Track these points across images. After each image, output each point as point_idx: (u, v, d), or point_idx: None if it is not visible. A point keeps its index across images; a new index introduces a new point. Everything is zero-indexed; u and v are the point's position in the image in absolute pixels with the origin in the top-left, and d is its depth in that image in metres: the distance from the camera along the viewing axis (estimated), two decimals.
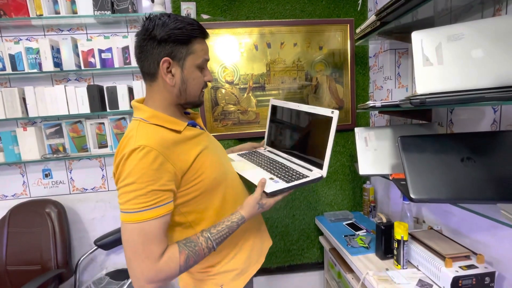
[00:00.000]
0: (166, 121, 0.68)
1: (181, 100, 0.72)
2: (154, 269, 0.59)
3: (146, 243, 0.59)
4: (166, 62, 0.66)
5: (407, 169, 0.82)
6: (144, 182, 0.59)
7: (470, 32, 0.74)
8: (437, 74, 0.75)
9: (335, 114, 0.81)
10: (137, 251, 0.59)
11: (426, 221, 1.27)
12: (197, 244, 0.65)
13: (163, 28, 0.65)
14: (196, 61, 0.70)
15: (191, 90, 0.72)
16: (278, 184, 0.79)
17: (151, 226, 0.59)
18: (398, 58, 1.40)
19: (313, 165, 0.88)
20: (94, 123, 1.53)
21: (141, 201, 0.58)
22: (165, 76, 0.68)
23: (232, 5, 1.52)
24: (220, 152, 0.84)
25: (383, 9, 0.99)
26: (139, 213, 0.58)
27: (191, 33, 0.67)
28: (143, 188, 0.59)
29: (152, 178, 0.59)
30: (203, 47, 0.71)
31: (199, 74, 0.72)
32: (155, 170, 0.60)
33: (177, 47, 0.67)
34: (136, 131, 0.64)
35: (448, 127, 1.11)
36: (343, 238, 1.36)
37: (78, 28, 1.52)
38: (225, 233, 0.70)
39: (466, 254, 0.95)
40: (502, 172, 0.73)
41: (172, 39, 0.65)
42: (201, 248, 0.65)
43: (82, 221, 1.64)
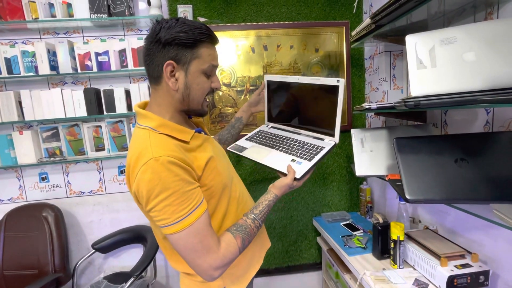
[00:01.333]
0: (174, 130, 0.68)
1: (184, 106, 0.71)
2: (219, 258, 0.64)
3: (203, 239, 0.63)
4: (170, 65, 0.65)
5: (402, 170, 0.83)
6: (179, 190, 0.60)
7: (462, 36, 0.75)
8: (430, 77, 0.77)
9: (341, 82, 0.83)
10: (198, 249, 0.62)
11: (422, 221, 1.28)
12: (247, 226, 0.71)
13: (168, 31, 0.64)
14: (201, 66, 0.68)
15: (194, 96, 0.70)
16: (302, 166, 0.84)
17: (201, 223, 0.63)
18: (393, 60, 1.42)
19: (323, 134, 0.93)
20: (91, 126, 1.52)
21: (185, 205, 0.61)
22: (168, 80, 0.67)
23: (229, 7, 1.53)
24: (222, 155, 0.84)
25: (378, 12, 1.00)
26: (189, 217, 0.61)
27: (197, 37, 0.66)
28: (182, 195, 0.60)
29: (184, 183, 0.61)
30: (211, 52, 0.69)
31: (204, 79, 0.70)
32: (182, 175, 0.62)
33: (182, 51, 0.65)
34: (149, 141, 0.63)
35: (443, 128, 1.13)
36: (340, 238, 1.37)
37: (74, 31, 1.52)
38: (266, 211, 0.76)
39: (461, 253, 0.97)
40: (494, 172, 0.74)
41: (176, 42, 0.64)
42: (251, 228, 0.72)
43: (80, 224, 1.63)
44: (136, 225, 1.62)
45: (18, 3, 1.40)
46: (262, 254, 0.92)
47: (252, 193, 0.95)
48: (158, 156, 0.60)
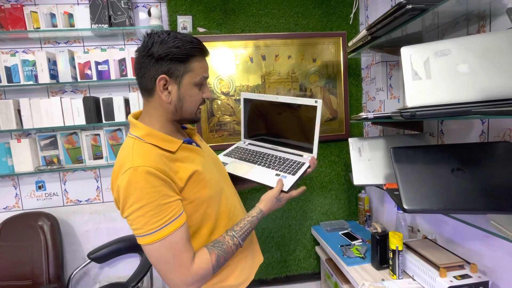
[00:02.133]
0: (160, 139, 0.69)
1: (177, 116, 0.73)
2: (190, 274, 0.63)
3: (176, 254, 0.62)
4: (163, 79, 0.67)
5: (399, 180, 0.83)
6: (154, 201, 0.60)
7: (456, 48, 0.77)
8: (426, 88, 0.78)
9: (319, 103, 0.88)
10: (170, 263, 0.62)
11: (420, 230, 1.28)
12: (224, 243, 0.70)
13: (161, 46, 0.65)
14: (193, 79, 0.70)
15: (187, 107, 0.72)
16: (288, 179, 0.86)
17: (176, 237, 0.62)
18: (389, 70, 1.45)
19: (301, 150, 0.96)
20: (89, 135, 1.52)
21: (159, 218, 0.60)
22: (161, 93, 0.68)
23: (228, 18, 1.56)
24: (216, 167, 0.84)
25: (374, 24, 1.03)
26: (161, 230, 0.60)
27: (189, 51, 0.67)
28: (156, 207, 0.60)
29: (160, 195, 0.61)
30: (202, 65, 0.71)
31: (196, 91, 0.72)
32: (160, 187, 0.61)
33: (175, 65, 0.67)
34: (132, 150, 0.65)
35: (439, 137, 1.14)
36: (339, 248, 1.36)
37: (75, 41, 1.53)
38: (247, 228, 0.76)
39: (460, 264, 0.96)
40: (490, 183, 0.75)
41: (169, 57, 0.66)
42: (228, 246, 0.70)
43: (76, 233, 1.61)
44: (133, 234, 1.60)
45: (20, 13, 1.42)
46: (253, 270, 0.88)
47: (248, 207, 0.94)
48: (137, 166, 0.60)
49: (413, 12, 0.85)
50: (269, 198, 0.82)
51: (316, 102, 0.88)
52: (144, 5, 1.55)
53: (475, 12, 0.89)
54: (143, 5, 1.55)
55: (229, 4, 1.55)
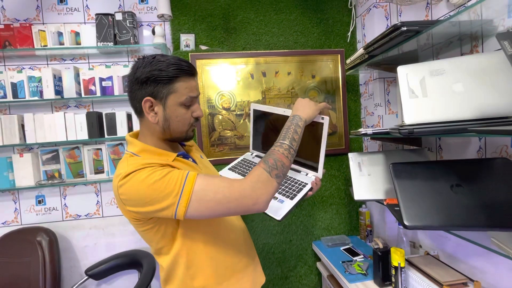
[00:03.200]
0: (155, 154, 0.71)
1: (166, 136, 0.74)
2: (246, 183, 0.63)
3: (217, 185, 0.63)
4: (148, 101, 0.69)
5: (400, 196, 0.84)
6: (157, 176, 0.62)
7: (450, 68, 0.80)
8: (423, 106, 0.80)
9: (326, 120, 0.84)
10: (221, 194, 0.62)
11: (422, 246, 1.27)
12: (270, 151, 0.70)
13: (145, 69, 0.68)
14: (178, 99, 0.70)
15: (175, 127, 0.72)
16: (284, 205, 0.80)
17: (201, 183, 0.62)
18: (387, 86, 1.48)
19: (307, 167, 0.92)
20: (91, 149, 1.54)
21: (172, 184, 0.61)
22: (147, 114, 0.70)
23: (229, 36, 1.61)
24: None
25: (370, 44, 1.06)
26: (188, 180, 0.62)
27: (172, 73, 0.68)
28: (163, 178, 0.61)
29: (159, 170, 0.63)
30: (188, 85, 0.71)
31: (183, 111, 0.72)
32: (156, 167, 0.64)
33: (158, 87, 0.68)
34: (127, 163, 0.68)
35: (438, 152, 1.15)
36: (340, 264, 1.34)
37: (80, 58, 1.58)
38: (291, 131, 0.73)
39: (463, 281, 0.95)
40: (489, 199, 0.76)
41: (152, 79, 0.68)
42: (273, 149, 0.69)
43: (74, 249, 1.59)
44: (132, 250, 1.59)
45: (28, 31, 1.47)
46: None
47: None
48: (128, 171, 0.63)
49: (408, 33, 0.89)
50: (303, 102, 0.83)
51: (323, 119, 0.85)
52: (148, 24, 1.61)
53: (467, 33, 0.93)
54: (148, 24, 1.61)
55: (230, 23, 1.60)
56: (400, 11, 1.34)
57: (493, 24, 0.86)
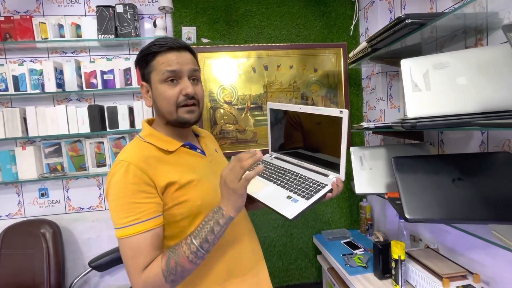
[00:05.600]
0: (159, 140, 0.70)
1: (163, 120, 0.71)
2: (140, 281, 0.59)
3: (134, 257, 0.59)
4: (143, 86, 0.71)
5: (401, 190, 0.84)
6: (124, 197, 0.60)
7: (454, 61, 0.79)
8: (426, 99, 0.80)
9: (345, 114, 0.72)
10: (128, 264, 0.60)
11: (422, 239, 1.28)
12: (178, 244, 0.61)
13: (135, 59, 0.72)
14: (157, 76, 0.67)
15: (161, 107, 0.69)
16: (298, 204, 0.72)
17: (138, 240, 0.59)
18: (389, 80, 1.47)
19: (329, 167, 0.80)
20: (93, 142, 1.54)
21: (125, 215, 0.59)
22: (144, 99, 0.73)
23: (231, 29, 1.59)
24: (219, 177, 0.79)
25: (374, 37, 1.05)
26: (126, 228, 0.59)
27: (147, 51, 0.67)
28: (125, 204, 0.60)
29: (131, 193, 0.60)
30: (164, 60, 0.66)
31: (165, 88, 0.67)
32: (134, 184, 0.60)
33: (143, 69, 0.70)
34: (128, 147, 0.68)
35: (440, 146, 1.15)
36: (341, 257, 1.36)
37: (82, 51, 1.57)
38: (207, 229, 0.60)
39: (462, 274, 0.96)
40: (490, 193, 0.76)
41: (138, 64, 0.70)
42: (180, 246, 0.60)
43: (77, 241, 1.61)
44: None
45: (29, 24, 1.46)
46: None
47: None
48: (120, 160, 0.63)
49: (412, 26, 0.88)
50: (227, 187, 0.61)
51: (341, 112, 0.73)
52: (149, 17, 1.59)
53: (472, 26, 0.92)
54: (149, 16, 1.59)
55: (232, 16, 1.59)
56: (404, 4, 1.33)
57: (499, 17, 0.85)
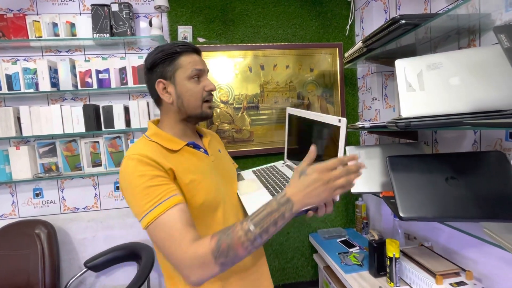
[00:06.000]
0: (164, 139, 0.72)
1: (183, 115, 0.75)
2: (187, 254, 0.57)
3: (170, 237, 0.58)
4: (160, 83, 0.73)
5: (395, 188, 0.85)
6: (139, 185, 0.61)
7: (447, 62, 0.80)
8: (419, 99, 0.81)
9: (343, 123, 0.69)
10: (165, 247, 0.59)
11: (417, 237, 1.30)
12: (232, 227, 0.58)
13: (149, 57, 0.73)
14: (185, 73, 0.72)
15: (188, 103, 0.73)
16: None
17: (167, 218, 0.59)
18: (384, 80, 1.48)
19: None
20: (88, 142, 1.53)
21: (145, 201, 0.60)
22: (162, 96, 0.73)
23: (227, 29, 1.59)
24: (224, 178, 0.80)
25: (369, 37, 1.06)
26: (150, 213, 0.59)
27: (174, 50, 0.72)
28: (143, 190, 0.61)
29: (146, 178, 0.62)
30: (191, 59, 0.73)
31: (193, 85, 0.73)
32: (147, 171, 0.63)
33: (164, 67, 0.72)
34: (135, 145, 0.70)
35: (434, 146, 1.17)
36: (337, 255, 1.37)
37: (76, 49, 1.55)
38: (269, 220, 0.56)
39: (455, 271, 0.98)
40: (483, 191, 0.77)
41: (157, 62, 0.72)
42: (235, 230, 0.57)
43: (72, 241, 1.60)
44: (131, 242, 1.60)
45: (22, 22, 1.44)
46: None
47: None
48: (130, 155, 0.65)
49: (406, 26, 0.89)
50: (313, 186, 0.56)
51: (340, 121, 0.69)
52: (145, 15, 1.58)
53: (465, 27, 0.93)
54: (144, 15, 1.58)
55: (228, 15, 1.59)
56: (399, 5, 1.34)
57: (491, 18, 0.86)
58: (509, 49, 0.53)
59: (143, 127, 1.51)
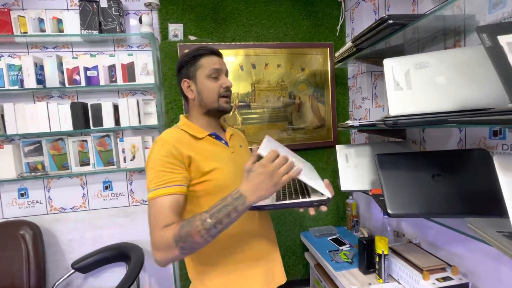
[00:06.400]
0: (191, 128, 0.84)
1: (204, 108, 0.86)
2: (157, 236, 0.66)
3: (156, 215, 0.68)
4: (185, 82, 0.86)
5: (384, 185, 0.86)
6: (156, 166, 0.72)
7: (433, 61, 0.82)
8: (407, 98, 0.82)
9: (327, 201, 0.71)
10: (151, 222, 0.69)
11: (405, 234, 1.32)
12: (194, 217, 0.65)
13: (178, 61, 0.88)
14: (204, 72, 0.83)
15: (206, 98, 0.84)
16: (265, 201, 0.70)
17: (161, 202, 0.68)
18: (374, 80, 1.51)
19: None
20: (76, 141, 1.50)
21: (155, 181, 0.70)
22: (187, 93, 0.86)
23: (219, 27, 1.59)
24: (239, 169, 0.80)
25: (358, 37, 1.08)
26: (153, 191, 0.70)
27: (195, 53, 0.84)
28: (156, 172, 0.71)
29: (162, 162, 0.72)
30: (210, 60, 0.84)
31: (211, 83, 0.84)
32: (165, 156, 0.73)
33: (188, 69, 0.85)
34: (165, 131, 0.82)
35: (421, 144, 1.19)
36: (327, 253, 1.38)
37: (64, 46, 1.52)
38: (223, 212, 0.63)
39: (442, 266, 1.00)
40: (467, 188, 0.79)
41: (183, 64, 0.85)
42: (195, 219, 0.64)
43: (59, 243, 1.56)
44: (120, 243, 1.57)
45: (7, 17, 1.40)
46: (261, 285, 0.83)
47: None
48: (159, 139, 0.77)
49: (394, 26, 0.90)
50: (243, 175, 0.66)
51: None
52: (135, 13, 1.56)
53: (451, 27, 0.95)
54: (134, 12, 1.56)
55: (220, 13, 1.58)
56: (388, 6, 1.36)
57: (475, 19, 0.89)
58: (491, 48, 0.54)
59: (133, 126, 1.49)
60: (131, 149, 1.50)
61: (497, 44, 0.54)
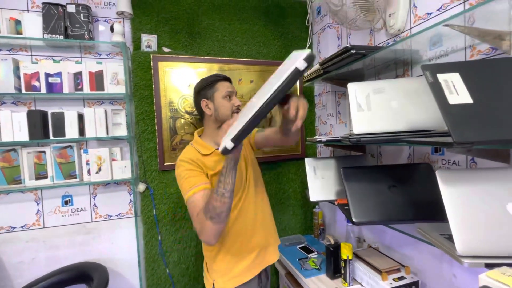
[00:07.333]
0: (200, 145, 1.07)
1: (218, 123, 1.07)
2: (196, 222, 0.89)
3: (194, 209, 0.90)
4: (204, 101, 1.06)
5: (349, 196, 0.96)
6: (184, 177, 0.96)
7: (388, 87, 0.96)
8: (367, 118, 0.94)
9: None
10: (192, 215, 0.92)
11: (366, 240, 1.45)
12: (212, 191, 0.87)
13: (196, 85, 1.11)
14: (220, 94, 1.05)
15: (222, 114, 1.05)
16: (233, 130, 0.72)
17: (195, 198, 0.91)
18: (338, 99, 1.66)
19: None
20: (32, 152, 1.37)
21: (187, 186, 0.94)
22: (205, 110, 1.06)
23: (194, 41, 1.61)
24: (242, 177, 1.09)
25: (325, 61, 1.20)
26: (188, 193, 0.93)
27: (213, 79, 1.07)
28: (185, 180, 0.96)
29: (186, 171, 0.97)
30: (224, 85, 1.07)
31: (226, 102, 1.05)
32: (187, 168, 0.98)
33: (207, 91, 1.06)
34: (183, 151, 1.06)
35: (378, 158, 1.34)
36: (297, 261, 1.45)
37: (21, 49, 1.41)
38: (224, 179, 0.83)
39: (397, 267, 1.12)
40: (417, 197, 0.92)
41: (203, 87, 1.07)
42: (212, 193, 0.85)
43: (5, 266, 1.38)
44: (80, 262, 1.45)
45: None
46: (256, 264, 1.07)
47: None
48: (181, 158, 1.02)
49: (356, 55, 1.03)
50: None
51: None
52: (106, 20, 1.52)
53: (401, 59, 1.12)
54: (105, 19, 1.52)
55: (195, 28, 1.61)
56: (349, 34, 1.53)
57: (419, 54, 1.06)
58: (432, 83, 0.66)
59: (99, 136, 1.41)
60: (96, 161, 1.42)
61: (437, 80, 0.66)
